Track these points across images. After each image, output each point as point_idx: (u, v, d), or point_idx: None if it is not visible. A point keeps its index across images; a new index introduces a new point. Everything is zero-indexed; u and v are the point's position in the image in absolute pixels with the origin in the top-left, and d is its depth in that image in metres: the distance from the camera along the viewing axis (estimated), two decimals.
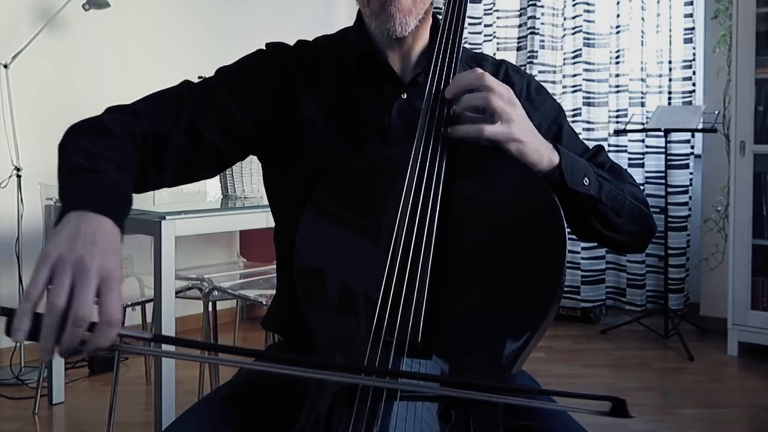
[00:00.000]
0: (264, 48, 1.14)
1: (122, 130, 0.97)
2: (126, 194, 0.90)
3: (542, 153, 0.96)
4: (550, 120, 1.14)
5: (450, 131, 0.95)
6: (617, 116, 4.13)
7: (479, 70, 0.95)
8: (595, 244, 1.14)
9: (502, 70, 1.16)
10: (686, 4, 3.88)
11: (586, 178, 1.00)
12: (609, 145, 4.16)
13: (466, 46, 3.91)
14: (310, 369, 0.83)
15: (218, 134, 1.05)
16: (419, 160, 0.94)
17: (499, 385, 0.83)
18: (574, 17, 4.19)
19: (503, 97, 0.93)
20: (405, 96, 1.08)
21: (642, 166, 4.06)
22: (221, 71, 1.12)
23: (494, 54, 4.31)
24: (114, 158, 0.92)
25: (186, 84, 1.09)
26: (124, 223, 0.85)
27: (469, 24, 4.47)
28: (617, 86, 4.14)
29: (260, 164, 1.18)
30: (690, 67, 3.91)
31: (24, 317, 0.72)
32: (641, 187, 4.21)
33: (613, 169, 1.11)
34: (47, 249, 0.76)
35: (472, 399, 0.81)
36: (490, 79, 0.94)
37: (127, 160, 0.94)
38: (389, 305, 0.85)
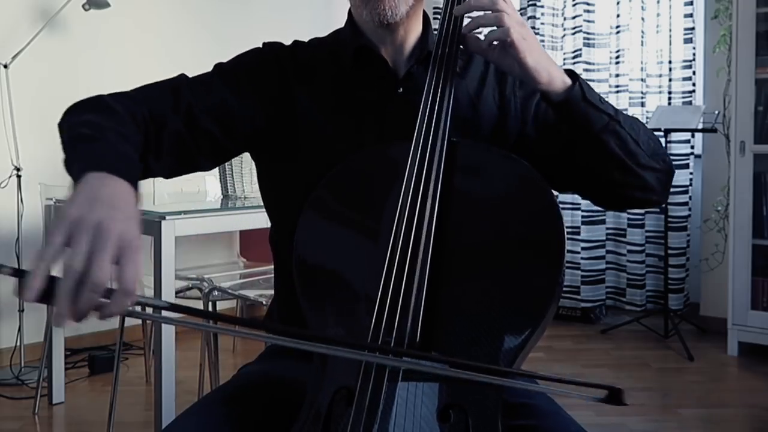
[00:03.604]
0: (261, 46, 1.15)
1: (124, 109, 0.97)
2: (136, 164, 0.89)
3: (552, 72, 0.97)
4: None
5: (468, 33, 0.99)
6: None
7: None
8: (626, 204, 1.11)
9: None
10: (686, 4, 3.88)
11: (601, 100, 1.00)
12: None
13: None
14: (315, 343, 0.83)
15: (215, 123, 1.05)
16: (418, 158, 0.94)
17: (499, 368, 0.82)
18: (574, 17, 4.19)
19: (514, 17, 0.95)
20: (401, 90, 1.09)
21: None
22: (218, 67, 1.12)
23: None
24: (121, 131, 0.91)
25: (183, 76, 1.09)
26: (138, 190, 0.83)
27: None
28: (617, 86, 4.14)
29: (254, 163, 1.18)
30: (690, 67, 3.91)
31: (37, 277, 0.69)
32: None
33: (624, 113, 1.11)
34: (67, 210, 0.73)
35: (471, 381, 0.80)
36: (502, 3, 0.96)
37: (133, 136, 0.94)
38: (388, 303, 0.85)
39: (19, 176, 3.06)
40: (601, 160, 1.01)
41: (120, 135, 0.90)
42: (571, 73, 0.99)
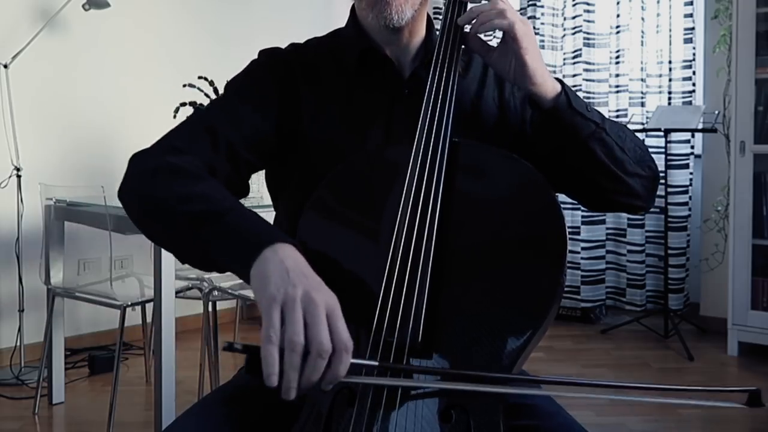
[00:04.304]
0: (258, 56, 1.14)
1: (192, 167, 0.96)
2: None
3: (546, 76, 1.00)
4: None
5: (462, 23, 1.00)
6: (617, 116, 4.13)
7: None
8: (611, 207, 1.14)
9: None
10: (686, 4, 3.88)
11: (588, 107, 1.03)
12: None
13: None
14: None
15: (253, 153, 1.06)
16: (420, 159, 0.94)
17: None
18: (574, 17, 4.19)
19: (515, 14, 0.97)
20: (407, 92, 1.09)
21: None
22: (233, 88, 1.11)
23: None
24: (226, 193, 0.92)
25: (204, 112, 1.09)
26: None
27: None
28: (617, 86, 4.14)
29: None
30: (690, 67, 3.91)
31: (272, 360, 0.72)
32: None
33: (611, 119, 1.12)
34: (269, 291, 0.77)
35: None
36: (502, 4, 0.97)
37: (227, 193, 0.94)
38: (390, 305, 0.85)
39: (19, 176, 3.06)
40: (588, 165, 1.03)
41: (230, 198, 0.91)
42: (558, 81, 1.02)
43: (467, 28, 1.04)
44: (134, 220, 0.96)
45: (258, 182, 1.48)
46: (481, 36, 1.03)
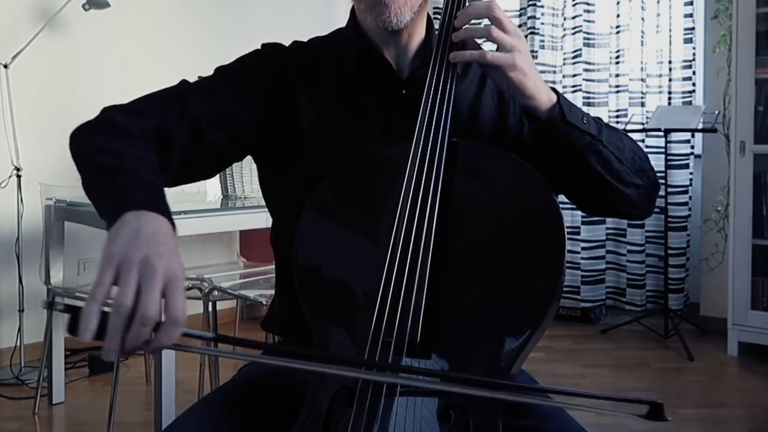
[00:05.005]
0: (261, 47, 1.14)
1: (135, 128, 0.97)
2: (163, 192, 0.89)
3: (541, 88, 0.97)
4: None
5: (452, 56, 0.97)
6: (617, 116, 4.13)
7: (492, 1, 0.97)
8: (609, 213, 1.13)
9: None
10: (686, 4, 3.88)
11: (584, 119, 1.01)
12: None
13: None
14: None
15: (221, 133, 1.05)
16: (418, 159, 0.94)
17: (528, 386, 0.82)
18: (574, 17, 4.19)
19: (507, 27, 0.95)
20: (404, 92, 1.09)
21: None
22: (220, 71, 1.12)
23: None
24: (141, 156, 0.92)
25: (185, 84, 1.09)
26: (173, 220, 0.85)
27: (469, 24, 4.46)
28: (617, 86, 4.14)
29: (256, 164, 1.18)
30: (690, 67, 3.91)
31: (92, 317, 0.72)
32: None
33: (610, 125, 1.11)
34: (111, 250, 0.76)
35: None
36: (499, 11, 0.96)
37: (149, 157, 0.94)
38: (388, 304, 0.85)
39: (19, 176, 3.06)
40: (584, 175, 1.02)
41: (142, 162, 0.91)
42: (553, 91, 1.00)
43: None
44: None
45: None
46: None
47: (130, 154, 0.91)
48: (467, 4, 1.06)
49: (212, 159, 1.07)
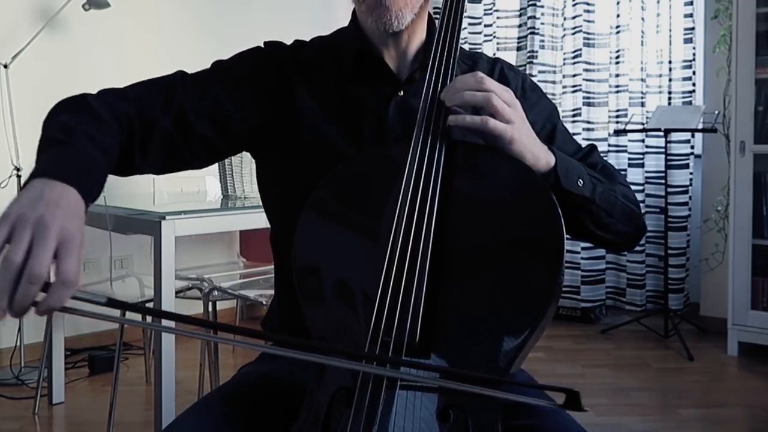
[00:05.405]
0: (264, 45, 1.15)
1: (107, 111, 0.97)
2: (98, 170, 0.89)
3: (539, 155, 0.97)
4: (545, 118, 1.14)
5: (452, 120, 0.96)
6: (617, 116, 4.13)
7: (479, 74, 0.96)
8: (593, 244, 1.16)
9: (497, 68, 1.16)
10: (686, 4, 3.88)
11: (580, 180, 1.01)
12: (609, 145, 4.16)
13: (466, 46, 3.87)
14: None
15: (208, 125, 1.05)
16: (417, 159, 0.94)
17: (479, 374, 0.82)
18: (574, 17, 4.19)
19: (504, 98, 0.94)
20: (402, 93, 1.09)
21: (642, 166, 4.06)
22: (217, 65, 1.12)
23: (494, 54, 4.31)
24: (92, 134, 0.91)
25: (180, 74, 1.09)
26: (90, 196, 0.84)
27: (469, 24, 4.47)
28: (617, 86, 4.14)
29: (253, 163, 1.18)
30: (690, 67, 3.91)
31: None
32: (641, 187, 4.17)
33: (605, 169, 1.12)
34: (9, 210, 0.75)
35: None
36: (491, 83, 0.95)
37: (106, 138, 0.94)
38: (387, 304, 0.85)
39: (19, 176, 3.06)
40: (574, 221, 1.02)
41: (91, 139, 0.90)
42: (552, 152, 0.99)
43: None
44: None
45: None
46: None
47: (82, 131, 0.90)
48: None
49: (199, 150, 1.07)
